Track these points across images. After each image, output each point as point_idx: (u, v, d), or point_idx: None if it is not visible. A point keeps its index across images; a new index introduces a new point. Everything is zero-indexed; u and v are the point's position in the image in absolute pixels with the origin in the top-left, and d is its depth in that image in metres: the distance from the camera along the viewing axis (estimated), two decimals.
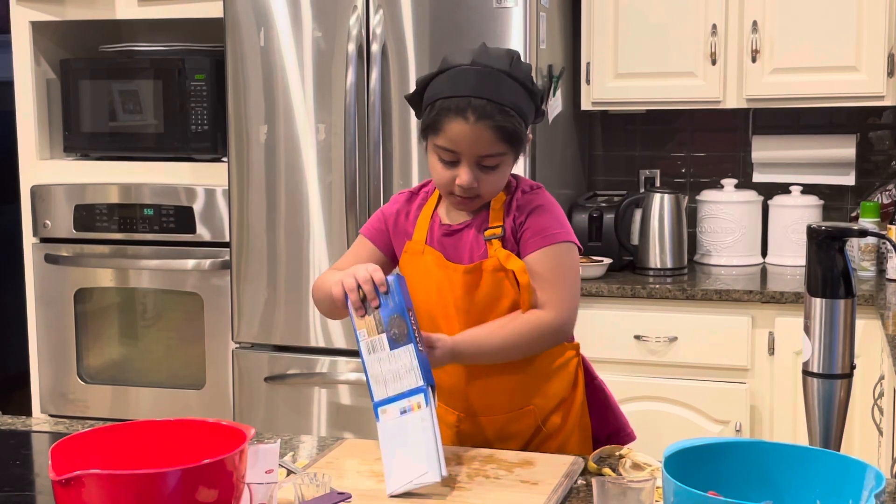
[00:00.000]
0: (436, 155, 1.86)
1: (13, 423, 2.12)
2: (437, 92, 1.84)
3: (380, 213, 2.02)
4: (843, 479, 1.38)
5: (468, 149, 1.82)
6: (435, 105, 1.83)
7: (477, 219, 1.92)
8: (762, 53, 3.35)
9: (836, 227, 1.74)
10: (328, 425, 3.35)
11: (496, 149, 1.82)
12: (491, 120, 1.79)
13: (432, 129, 1.84)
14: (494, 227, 1.89)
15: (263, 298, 3.36)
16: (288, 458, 1.83)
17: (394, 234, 1.98)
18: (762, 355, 3.17)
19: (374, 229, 2.00)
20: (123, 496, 1.32)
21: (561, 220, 1.91)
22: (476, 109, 1.79)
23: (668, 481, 1.32)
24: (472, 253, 1.90)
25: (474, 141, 1.80)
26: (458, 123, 1.80)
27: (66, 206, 3.61)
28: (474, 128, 1.80)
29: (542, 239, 1.87)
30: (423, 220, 1.96)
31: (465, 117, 1.80)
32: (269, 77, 3.28)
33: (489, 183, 1.85)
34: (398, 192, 2.05)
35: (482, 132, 1.80)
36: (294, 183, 3.30)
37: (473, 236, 1.91)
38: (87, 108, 3.65)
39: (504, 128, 1.80)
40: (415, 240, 1.94)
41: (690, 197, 3.72)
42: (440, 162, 1.86)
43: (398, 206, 2.00)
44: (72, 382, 3.68)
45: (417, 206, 1.98)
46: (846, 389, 1.76)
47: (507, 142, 1.82)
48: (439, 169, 1.86)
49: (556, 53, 3.41)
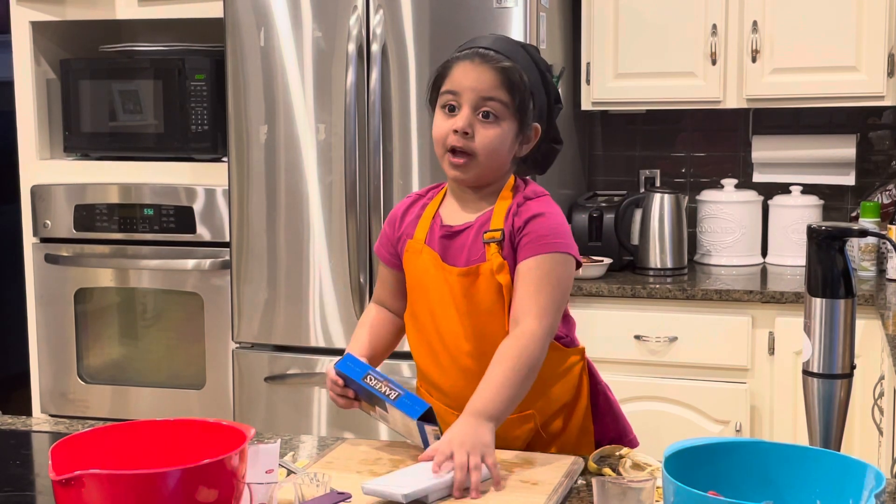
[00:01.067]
0: (439, 109, 1.87)
1: (13, 422, 2.12)
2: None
3: (385, 224, 2.04)
4: (843, 479, 1.38)
5: (469, 87, 1.82)
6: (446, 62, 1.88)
7: (478, 220, 1.90)
8: (762, 53, 3.35)
9: (836, 227, 1.74)
10: (328, 425, 3.35)
11: (497, 93, 1.82)
12: (496, 63, 1.82)
13: (439, 78, 1.87)
14: (494, 230, 1.87)
15: (263, 298, 3.36)
16: (288, 458, 1.83)
17: (398, 238, 1.98)
18: (762, 355, 3.17)
19: (382, 247, 2.03)
20: (123, 496, 1.32)
21: (561, 230, 1.87)
22: (482, 55, 1.83)
23: (668, 481, 1.32)
24: (469, 255, 1.88)
25: (476, 79, 1.82)
26: (462, 65, 1.84)
27: (67, 206, 3.61)
28: (478, 67, 1.82)
29: (538, 247, 1.84)
30: (424, 219, 1.95)
31: (471, 59, 1.84)
32: (269, 77, 3.28)
33: (484, 136, 1.83)
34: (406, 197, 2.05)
35: (484, 72, 1.82)
36: (294, 183, 3.30)
37: (472, 238, 1.89)
38: (87, 108, 3.65)
39: (507, 70, 1.82)
40: (415, 238, 1.94)
41: (690, 197, 3.72)
42: (441, 113, 1.87)
43: (403, 208, 2.00)
44: (72, 382, 3.68)
45: (422, 206, 1.98)
46: (846, 389, 1.76)
47: (508, 89, 1.82)
48: (440, 122, 1.87)
49: (556, 53, 3.41)
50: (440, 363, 1.93)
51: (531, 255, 1.83)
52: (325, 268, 3.29)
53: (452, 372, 1.92)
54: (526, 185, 1.93)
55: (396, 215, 2.00)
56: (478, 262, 1.87)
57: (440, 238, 1.91)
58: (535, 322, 1.79)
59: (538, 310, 1.80)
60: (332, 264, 3.28)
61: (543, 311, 1.80)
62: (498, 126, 1.84)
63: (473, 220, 1.91)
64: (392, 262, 2.00)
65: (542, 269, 1.82)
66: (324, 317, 3.31)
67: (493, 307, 1.87)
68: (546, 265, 1.83)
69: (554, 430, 1.95)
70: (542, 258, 1.83)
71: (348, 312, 3.27)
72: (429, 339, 1.94)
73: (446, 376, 1.93)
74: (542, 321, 1.80)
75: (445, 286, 1.89)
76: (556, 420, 1.95)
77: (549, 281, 1.82)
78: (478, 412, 1.73)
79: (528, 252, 1.84)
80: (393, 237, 1.99)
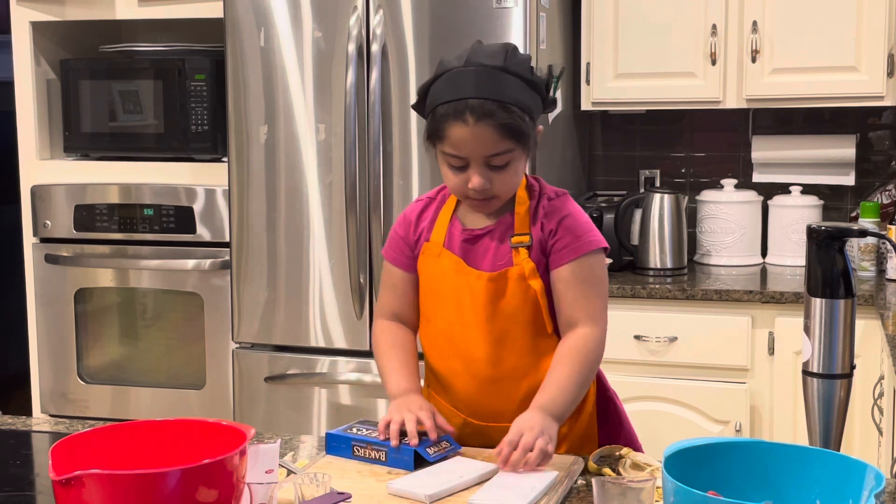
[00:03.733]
0: (445, 162, 1.85)
1: (13, 423, 2.12)
2: (435, 98, 1.82)
3: (395, 228, 2.00)
4: (843, 479, 1.38)
5: (473, 151, 1.80)
6: (435, 112, 1.82)
7: (500, 224, 1.90)
8: (762, 53, 3.35)
9: (835, 227, 1.74)
10: (328, 425, 3.35)
11: (501, 147, 1.80)
12: (491, 118, 1.77)
13: (436, 136, 1.83)
14: (522, 234, 1.87)
15: (263, 298, 3.36)
16: (288, 458, 1.83)
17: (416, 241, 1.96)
18: (762, 355, 3.17)
19: (393, 251, 1.99)
20: (123, 496, 1.32)
21: (589, 226, 1.90)
22: (474, 110, 1.77)
23: (668, 481, 1.32)
24: (494, 260, 1.88)
25: (477, 142, 1.79)
26: (458, 127, 1.78)
27: (67, 206, 3.61)
28: (475, 129, 1.78)
29: (574, 249, 1.86)
30: (441, 222, 1.94)
31: (465, 120, 1.78)
32: (269, 77, 3.28)
33: (502, 182, 1.83)
34: (415, 201, 2.03)
35: (483, 132, 1.78)
36: (294, 183, 3.30)
37: (496, 243, 1.89)
38: (87, 108, 3.65)
39: (506, 124, 1.78)
40: (432, 242, 1.93)
41: (690, 197, 3.72)
42: (450, 168, 1.84)
43: (416, 211, 1.98)
44: (72, 382, 3.68)
45: (435, 209, 1.96)
46: (846, 389, 1.76)
47: (511, 138, 1.80)
48: (450, 175, 1.85)
49: (556, 53, 3.41)
50: (452, 367, 1.93)
51: (572, 258, 1.86)
52: (325, 268, 3.29)
53: (464, 377, 1.92)
54: (541, 185, 1.93)
55: (410, 219, 1.98)
56: (504, 266, 1.87)
57: (461, 242, 1.91)
58: (592, 325, 1.86)
59: (593, 312, 1.87)
60: (332, 264, 3.28)
61: (597, 313, 1.88)
62: (510, 169, 1.83)
63: (495, 223, 1.91)
64: (409, 265, 1.97)
65: (584, 271, 1.87)
66: (324, 317, 3.31)
67: (518, 313, 1.87)
68: (587, 266, 1.87)
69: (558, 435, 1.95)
70: (582, 260, 1.87)
71: (348, 312, 3.27)
72: (442, 343, 1.94)
73: (458, 380, 1.93)
74: (598, 324, 1.87)
75: (467, 291, 1.88)
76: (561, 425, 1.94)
77: (592, 282, 1.88)
78: (544, 407, 1.79)
79: (566, 256, 1.87)
80: (410, 240, 1.96)
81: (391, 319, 2.00)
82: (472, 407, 1.93)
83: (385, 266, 2.02)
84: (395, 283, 1.99)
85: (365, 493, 1.64)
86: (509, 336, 1.88)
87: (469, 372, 1.91)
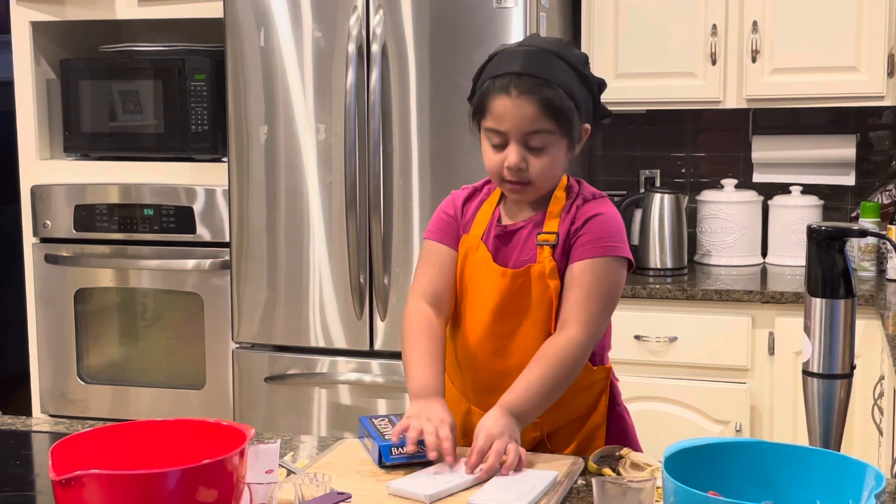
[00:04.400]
0: (487, 141, 1.84)
1: (13, 423, 2.12)
2: (485, 76, 1.84)
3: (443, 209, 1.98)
4: (843, 479, 1.38)
5: (513, 125, 1.78)
6: (482, 86, 1.83)
7: (532, 220, 1.89)
8: (762, 53, 3.35)
9: (836, 227, 1.74)
10: (328, 425, 3.35)
11: (541, 125, 1.78)
12: (535, 94, 1.77)
13: (479, 111, 1.83)
14: (548, 232, 1.86)
15: (263, 298, 3.36)
16: (288, 458, 1.83)
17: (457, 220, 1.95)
18: (762, 355, 3.17)
19: (442, 231, 1.95)
20: (123, 496, 1.32)
21: (618, 232, 1.86)
22: (519, 85, 1.77)
23: (668, 481, 1.32)
24: (519, 255, 1.88)
25: (518, 116, 1.77)
26: (501, 100, 1.78)
27: (67, 206, 3.61)
28: (517, 102, 1.77)
29: (594, 249, 1.83)
30: (483, 214, 1.93)
31: (509, 92, 1.78)
32: (269, 77, 3.28)
33: (537, 166, 1.81)
34: (461, 188, 2.01)
35: (525, 107, 1.77)
36: (294, 183, 3.30)
37: (525, 237, 1.89)
38: (87, 108, 3.65)
39: (548, 100, 1.77)
40: (472, 234, 1.92)
41: (690, 197, 3.72)
42: (491, 147, 1.84)
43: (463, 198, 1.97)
44: (72, 382, 3.68)
45: (480, 200, 1.96)
46: (846, 389, 1.76)
47: (552, 117, 1.78)
48: (490, 154, 1.84)
49: None
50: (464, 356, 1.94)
51: (587, 257, 1.83)
52: (325, 268, 3.29)
53: (475, 366, 1.92)
54: (581, 185, 1.92)
55: (458, 203, 1.96)
56: (528, 262, 1.87)
57: (494, 237, 1.90)
58: (580, 329, 1.81)
59: (587, 317, 1.82)
60: (332, 264, 3.28)
61: (591, 319, 1.82)
62: (548, 153, 1.82)
63: (527, 219, 1.90)
64: (456, 244, 1.94)
65: (595, 273, 1.83)
66: (324, 317, 3.31)
67: (534, 310, 1.86)
68: (600, 270, 1.83)
69: (560, 443, 1.93)
70: (597, 262, 1.83)
71: (348, 312, 3.27)
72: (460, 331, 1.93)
73: (468, 369, 1.93)
74: (587, 329, 1.82)
75: (489, 284, 1.88)
76: (564, 434, 1.94)
77: (600, 288, 1.83)
78: (508, 407, 1.76)
79: (583, 253, 1.84)
80: (457, 222, 1.94)
81: (429, 301, 1.92)
82: (478, 396, 1.93)
83: (428, 246, 1.96)
84: (441, 262, 1.93)
85: (365, 493, 1.64)
86: (521, 331, 1.88)
87: (479, 362, 1.91)
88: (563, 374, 1.80)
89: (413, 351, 1.87)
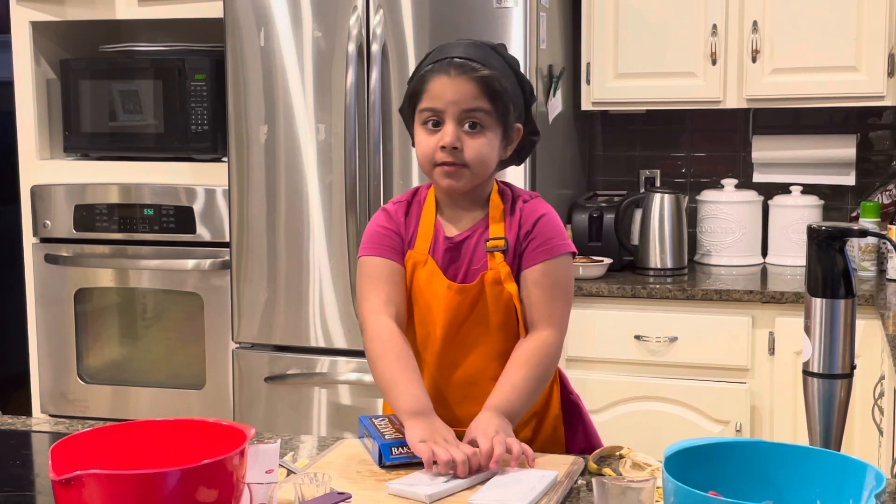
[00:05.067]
0: (420, 124, 1.84)
1: (13, 423, 2.12)
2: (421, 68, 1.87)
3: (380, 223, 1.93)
4: (843, 479, 1.38)
5: (450, 103, 1.80)
6: (418, 73, 1.85)
7: (476, 229, 1.90)
8: (762, 53, 3.35)
9: (836, 227, 1.74)
10: (328, 425, 3.35)
11: (479, 103, 1.80)
12: (473, 73, 1.80)
13: (415, 94, 1.84)
14: (496, 238, 1.87)
15: (263, 298, 3.36)
16: (288, 458, 1.83)
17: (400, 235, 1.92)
18: (762, 355, 3.17)
19: (382, 245, 1.90)
20: (123, 496, 1.32)
21: (561, 229, 1.92)
22: (458, 66, 1.80)
23: (668, 481, 1.32)
24: (469, 265, 1.88)
25: (456, 92, 1.79)
26: (439, 79, 1.81)
27: (66, 206, 3.61)
28: (455, 80, 1.80)
29: (546, 251, 1.87)
30: (424, 228, 1.91)
31: (448, 73, 1.81)
32: (269, 77, 3.28)
33: (473, 148, 1.82)
34: (390, 202, 1.97)
35: (463, 84, 1.80)
36: (294, 183, 3.30)
37: (472, 247, 1.89)
38: (87, 108, 3.65)
39: (486, 79, 1.80)
40: (418, 249, 1.90)
41: (690, 197, 3.72)
42: (424, 130, 1.84)
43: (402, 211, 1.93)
44: (72, 382, 3.68)
45: (416, 214, 1.93)
46: (846, 389, 1.76)
47: (489, 98, 1.80)
48: (423, 138, 1.84)
49: (557, 53, 3.41)
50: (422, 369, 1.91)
51: (541, 259, 1.87)
52: (325, 268, 3.29)
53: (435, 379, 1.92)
54: (512, 189, 1.94)
55: (399, 219, 1.92)
56: (480, 271, 1.87)
57: (444, 251, 1.90)
58: (552, 330, 1.86)
59: (555, 318, 1.87)
60: (332, 264, 3.28)
61: (559, 319, 1.88)
62: (484, 135, 1.83)
63: (471, 228, 1.90)
64: (402, 260, 1.91)
65: (553, 274, 1.87)
66: (324, 317, 3.31)
67: (491, 317, 1.87)
68: (556, 270, 1.88)
69: (523, 437, 1.93)
70: (552, 263, 1.87)
71: (348, 312, 3.27)
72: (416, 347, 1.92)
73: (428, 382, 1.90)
74: (558, 328, 1.87)
75: (443, 298, 1.87)
76: (525, 429, 1.95)
77: (560, 287, 1.88)
78: (496, 408, 1.78)
79: (538, 257, 1.87)
80: (403, 237, 1.92)
81: (391, 317, 1.86)
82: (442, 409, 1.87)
83: (372, 264, 1.90)
84: (391, 276, 1.88)
85: (365, 493, 1.64)
86: (481, 340, 1.89)
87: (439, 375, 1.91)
88: (543, 373, 1.85)
89: (394, 368, 1.81)
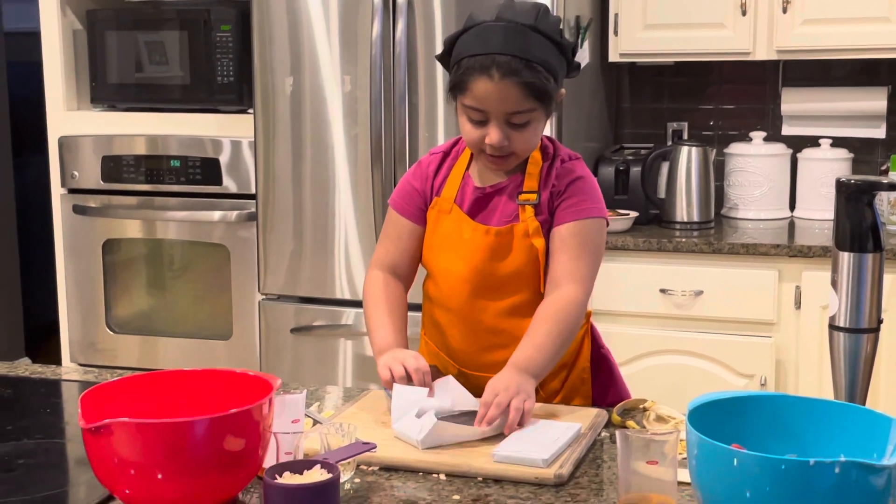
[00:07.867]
0: (465, 115, 1.84)
1: (43, 371, 2.15)
2: (462, 50, 1.82)
3: (409, 179, 1.99)
4: (867, 432, 1.38)
5: (495, 107, 1.79)
6: (461, 64, 1.81)
7: (511, 182, 1.90)
8: (793, 4, 3.30)
9: (865, 180, 1.72)
10: (353, 376, 3.38)
11: (524, 105, 1.79)
12: (517, 76, 1.76)
13: (459, 88, 1.82)
14: (529, 192, 1.88)
15: (289, 250, 3.37)
16: (314, 409, 1.84)
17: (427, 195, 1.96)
18: (788, 309, 3.15)
19: (404, 202, 1.98)
20: (152, 444, 1.34)
21: (597, 194, 1.91)
22: (501, 66, 1.76)
23: (691, 434, 1.33)
24: (500, 216, 1.89)
25: (501, 99, 1.78)
26: (483, 81, 1.78)
27: (94, 158, 3.63)
28: (500, 85, 1.77)
29: (578, 211, 1.87)
30: (453, 178, 1.94)
31: (490, 75, 1.77)
32: (295, 28, 3.26)
33: (520, 141, 1.83)
34: (429, 152, 2.02)
35: (508, 89, 1.77)
36: (319, 135, 3.29)
37: (505, 200, 1.90)
38: (113, 59, 3.65)
39: (531, 83, 1.77)
40: (443, 197, 1.93)
41: (718, 150, 3.69)
42: (469, 121, 1.84)
43: (434, 165, 1.97)
44: (100, 332, 3.72)
45: (448, 165, 1.96)
46: (872, 344, 1.76)
47: (535, 98, 1.79)
48: (469, 128, 1.84)
49: (584, 4, 3.38)
50: (449, 318, 1.94)
51: (573, 219, 1.87)
52: (351, 219, 3.29)
53: (461, 328, 1.94)
54: (556, 147, 1.93)
55: (428, 173, 1.97)
56: (510, 222, 1.88)
57: (472, 200, 1.91)
58: (576, 287, 1.85)
59: (580, 276, 1.86)
60: (357, 216, 3.28)
61: (584, 278, 1.87)
62: (530, 128, 1.83)
63: (506, 181, 1.91)
64: (419, 217, 1.97)
65: (582, 234, 1.87)
66: (349, 268, 3.32)
67: (521, 269, 1.88)
68: (586, 230, 1.88)
69: (552, 388, 1.97)
70: (583, 223, 1.87)
71: None
72: (443, 294, 1.95)
73: (454, 331, 1.94)
74: (583, 286, 1.86)
75: (472, 245, 1.89)
76: (554, 380, 1.97)
77: (588, 248, 1.88)
78: (520, 365, 1.78)
79: (569, 216, 1.87)
80: (425, 194, 1.96)
81: (387, 271, 1.98)
82: (467, 358, 1.95)
83: (391, 216, 2.00)
84: (399, 234, 1.98)
85: (390, 443, 1.65)
86: (507, 291, 1.90)
87: (466, 324, 1.92)
88: (567, 331, 1.84)
89: (373, 313, 1.94)
